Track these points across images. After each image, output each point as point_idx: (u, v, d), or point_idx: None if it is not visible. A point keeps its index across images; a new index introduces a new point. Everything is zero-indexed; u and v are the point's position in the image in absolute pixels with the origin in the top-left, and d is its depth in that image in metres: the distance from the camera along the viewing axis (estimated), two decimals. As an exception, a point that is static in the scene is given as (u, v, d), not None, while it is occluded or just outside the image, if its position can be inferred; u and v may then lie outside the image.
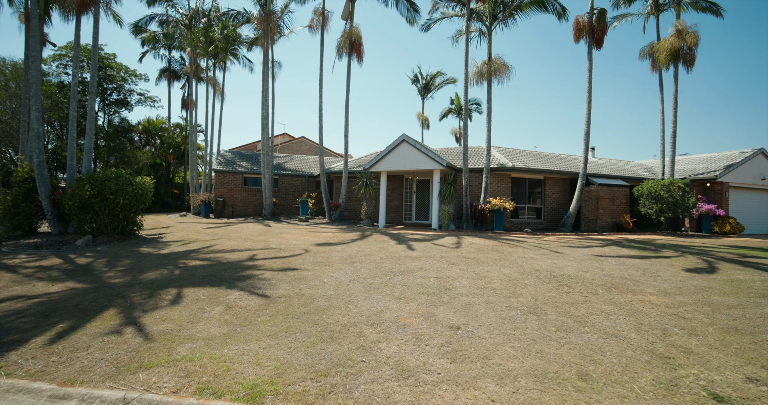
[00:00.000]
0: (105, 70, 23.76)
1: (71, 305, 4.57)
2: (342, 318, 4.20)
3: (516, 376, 3.00)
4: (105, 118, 25.62)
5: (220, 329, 3.86)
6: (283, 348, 3.43)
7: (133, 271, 6.31)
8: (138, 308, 4.46)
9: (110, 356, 3.27)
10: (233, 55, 20.78)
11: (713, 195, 14.37)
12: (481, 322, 4.11)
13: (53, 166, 22.24)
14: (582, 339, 3.73)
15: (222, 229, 11.96)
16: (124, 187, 9.15)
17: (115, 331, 3.79)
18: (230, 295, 4.97)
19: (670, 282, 5.90)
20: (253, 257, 7.42)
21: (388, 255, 7.68)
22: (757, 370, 3.15)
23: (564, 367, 3.14)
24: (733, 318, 4.37)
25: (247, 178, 18.86)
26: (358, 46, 14.46)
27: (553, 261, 7.29)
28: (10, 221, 9.67)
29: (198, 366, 3.09)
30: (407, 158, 12.97)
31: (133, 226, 10.02)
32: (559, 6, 12.46)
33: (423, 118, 32.09)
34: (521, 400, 2.67)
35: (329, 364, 3.13)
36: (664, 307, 4.73)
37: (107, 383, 2.86)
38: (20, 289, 5.24)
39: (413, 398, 2.68)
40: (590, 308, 4.63)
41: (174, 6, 17.80)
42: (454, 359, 3.26)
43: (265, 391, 2.73)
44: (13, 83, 19.18)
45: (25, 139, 11.85)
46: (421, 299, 4.86)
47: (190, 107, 21.13)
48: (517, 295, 5.08)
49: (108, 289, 5.24)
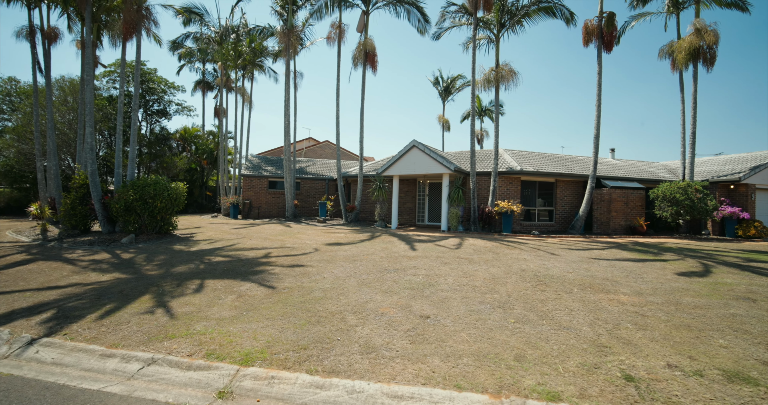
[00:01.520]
0: (147, 83, 26.06)
1: (116, 291, 5.61)
2: (331, 306, 4.92)
3: (461, 355, 3.59)
4: (147, 127, 28.04)
5: (229, 312, 4.70)
6: (276, 328, 4.20)
7: (166, 265, 7.38)
8: (167, 295, 5.42)
9: (143, 329, 4.18)
10: (259, 67, 22.20)
11: (738, 197, 13.84)
12: (450, 314, 4.69)
13: (104, 171, 24.67)
14: (535, 330, 4.23)
15: (246, 229, 13.09)
16: (161, 192, 10.41)
17: (148, 312, 4.73)
18: (243, 286, 5.84)
19: (651, 284, 6.15)
20: (268, 255, 8.33)
21: (388, 254, 8.34)
22: (682, 359, 3.55)
23: (506, 351, 3.69)
24: (692, 317, 4.67)
25: (271, 181, 20.16)
26: (372, 56, 15.22)
27: (544, 262, 7.66)
28: (69, 221, 11.23)
29: (208, 338, 3.92)
30: (417, 163, 13.56)
31: (169, 226, 11.30)
32: (567, 11, 12.57)
33: (444, 120, 32.37)
34: (457, 372, 3.27)
35: (310, 341, 3.86)
36: (629, 305, 5.08)
37: (141, 348, 3.75)
38: (78, 278, 6.39)
39: (370, 367, 3.35)
40: (557, 305, 5.07)
41: (206, 24, 19.39)
42: (414, 341, 3.89)
43: (255, 358, 3.51)
44: (71, 98, 21.59)
45: (80, 149, 13.56)
46: (405, 293, 5.50)
47: (221, 116, 22.79)
48: (493, 292, 5.59)
49: (145, 279, 6.28)
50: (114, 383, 3.23)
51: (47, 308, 4.92)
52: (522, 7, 12.46)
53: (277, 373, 3.25)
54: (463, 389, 3.02)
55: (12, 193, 21.18)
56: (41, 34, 12.80)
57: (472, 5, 12.05)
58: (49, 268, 7.12)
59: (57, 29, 13.25)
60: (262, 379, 3.19)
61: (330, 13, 16.07)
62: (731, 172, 14.07)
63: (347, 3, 15.71)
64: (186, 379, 3.26)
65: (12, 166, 20.56)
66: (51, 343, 3.91)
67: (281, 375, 3.23)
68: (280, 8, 16.99)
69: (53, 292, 5.61)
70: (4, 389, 3.10)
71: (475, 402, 2.88)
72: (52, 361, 3.62)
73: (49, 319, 4.52)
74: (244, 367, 3.37)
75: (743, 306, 5.07)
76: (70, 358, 3.63)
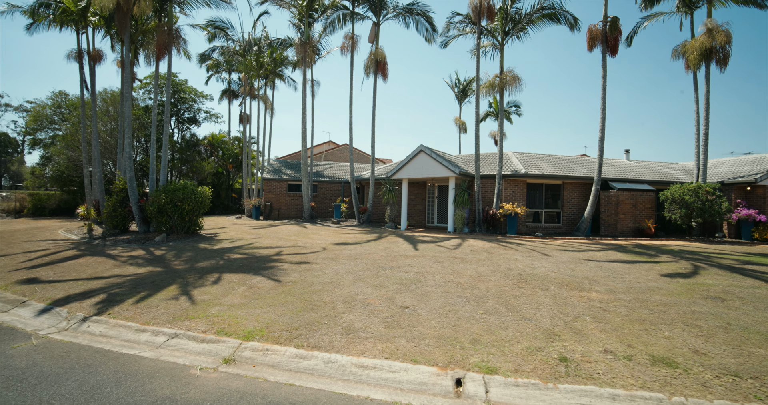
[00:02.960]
0: (179, 93, 28.04)
1: (149, 281, 6.62)
2: (326, 297, 5.67)
3: (425, 337, 4.23)
4: (179, 134, 30.09)
5: (239, 300, 5.55)
6: (276, 313, 5.00)
7: (191, 260, 8.41)
8: (190, 285, 6.36)
9: (169, 311, 5.09)
10: (279, 77, 23.47)
11: (755, 199, 13.48)
12: (427, 305, 5.33)
13: (140, 174, 26.77)
14: (499, 320, 4.79)
15: (264, 230, 14.15)
16: (189, 195, 11.58)
17: (174, 298, 5.66)
18: (253, 279, 6.70)
19: (628, 283, 6.49)
20: (279, 253, 9.22)
21: (388, 253, 9.02)
22: (621, 346, 4.02)
23: (465, 335, 4.30)
24: (652, 312, 5.06)
25: (290, 184, 21.31)
26: (383, 65, 15.95)
27: (533, 262, 8.09)
28: (110, 222, 12.66)
29: (220, 320, 4.76)
30: (425, 167, 14.15)
31: (196, 227, 12.49)
32: (571, 17, 12.75)
33: (460, 122, 32.62)
34: (417, 350, 3.92)
35: (301, 323, 4.62)
36: (597, 302, 5.52)
37: (166, 325, 4.64)
38: (119, 271, 7.50)
39: (346, 344, 4.06)
40: (529, 300, 5.58)
41: (230, 38, 20.82)
42: (389, 326, 4.57)
43: (255, 335, 4.30)
44: (112, 108, 23.67)
45: (120, 158, 15.11)
46: (393, 287, 6.17)
47: (245, 122, 24.29)
48: (474, 288, 6.16)
49: (173, 273, 7.28)
50: (146, 350, 4.11)
51: (95, 294, 5.97)
52: (525, 15, 12.79)
53: (271, 347, 4.02)
54: (417, 363, 3.68)
55: (62, 196, 23.50)
56: (88, 56, 14.43)
57: (476, 15, 12.51)
58: (95, 262, 8.31)
59: (101, 51, 14.87)
60: (258, 351, 3.97)
61: (343, 26, 16.96)
62: (749, 174, 13.74)
63: (359, 16, 16.54)
64: (200, 349, 4.10)
65: (62, 172, 22.85)
66: (98, 320, 4.88)
67: (274, 348, 4.00)
68: (298, 21, 18.05)
69: (99, 282, 6.70)
70: (67, 351, 4.05)
71: (424, 372, 3.53)
72: (99, 333, 4.57)
73: (96, 303, 5.54)
74: (246, 341, 4.17)
75: (708, 304, 5.39)
76: (113, 332, 4.57)
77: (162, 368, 3.67)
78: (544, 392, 3.22)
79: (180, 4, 13.75)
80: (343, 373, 3.58)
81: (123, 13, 11.63)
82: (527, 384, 3.31)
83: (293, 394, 3.20)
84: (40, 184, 27.48)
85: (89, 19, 14.19)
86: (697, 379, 3.35)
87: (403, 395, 3.24)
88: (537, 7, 12.60)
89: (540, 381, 3.34)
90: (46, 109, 26.13)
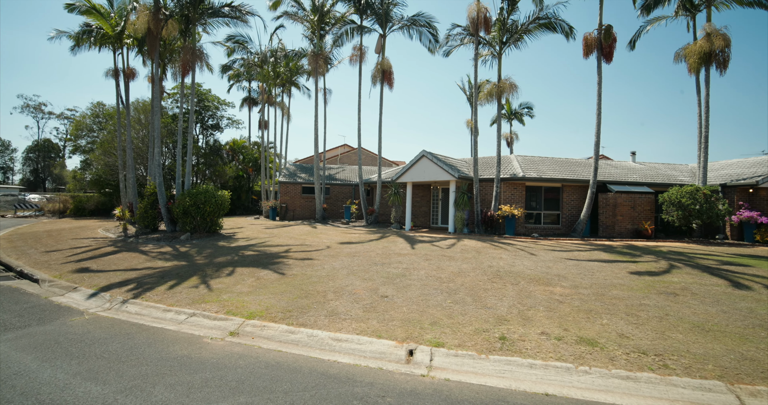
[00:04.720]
0: (203, 102, 29.94)
1: (174, 273, 7.79)
2: (320, 288, 6.61)
3: (393, 320, 5.09)
4: (203, 140, 32.06)
5: (247, 289, 6.58)
6: (276, 299, 5.98)
7: (210, 256, 9.58)
8: (208, 277, 7.46)
9: (190, 297, 6.17)
10: (295, 85, 24.77)
11: (758, 201, 13.46)
12: (404, 295, 6.17)
13: (168, 178, 28.83)
14: (463, 308, 5.58)
15: (278, 229, 15.32)
16: (210, 198, 12.86)
17: (194, 287, 6.76)
18: (261, 272, 7.74)
19: (594, 280, 7.09)
20: (288, 250, 10.27)
21: (384, 252, 9.89)
22: (558, 330, 4.74)
23: (427, 318, 5.12)
24: (602, 304, 5.71)
25: (304, 187, 22.54)
26: (389, 75, 16.83)
27: (515, 261, 8.75)
28: (142, 222, 14.15)
29: (230, 303, 5.79)
30: (427, 171, 14.94)
31: (216, 227, 13.79)
32: (566, 26, 13.18)
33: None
34: (383, 329, 4.79)
35: (294, 307, 5.58)
36: (557, 295, 6.19)
37: (187, 307, 5.71)
38: (150, 264, 8.73)
39: (327, 323, 4.98)
40: (496, 293, 6.32)
41: (248, 51, 22.28)
42: (366, 310, 5.45)
43: (256, 315, 5.29)
44: (143, 116, 25.71)
45: (150, 164, 16.70)
46: (379, 280, 7.04)
47: (263, 128, 25.74)
48: (450, 282, 6.94)
49: (195, 266, 8.44)
50: (170, 325, 5.17)
51: (130, 282, 7.16)
52: (521, 25, 13.33)
53: (267, 324, 4.99)
54: (381, 337, 4.55)
55: (100, 198, 25.74)
56: (123, 73, 16.10)
57: (474, 27, 13.17)
58: (129, 257, 9.62)
59: (134, 69, 16.57)
60: (257, 327, 4.95)
61: (351, 39, 17.99)
62: (752, 176, 13.74)
63: (366, 29, 17.52)
64: (212, 324, 5.12)
65: (100, 176, 25.06)
66: (134, 302, 6.02)
67: (269, 325, 4.97)
68: (311, 34, 19.22)
69: (134, 273, 7.92)
70: (111, 324, 5.17)
71: (385, 345, 4.39)
72: (135, 312, 5.69)
73: (132, 289, 6.71)
74: (248, 320, 5.16)
75: (659, 299, 5.96)
76: (145, 311, 5.68)
77: (182, 337, 4.71)
78: (477, 361, 4.02)
79: (203, 24, 15.15)
80: (321, 344, 4.50)
81: (153, 36, 13.06)
82: (464, 355, 4.12)
83: (279, 356, 4.14)
84: (80, 187, 30.04)
85: (124, 41, 15.84)
86: (607, 355, 4.05)
87: (364, 360, 4.11)
88: (533, 18, 13.14)
89: (476, 353, 4.14)
90: (86, 118, 28.57)
